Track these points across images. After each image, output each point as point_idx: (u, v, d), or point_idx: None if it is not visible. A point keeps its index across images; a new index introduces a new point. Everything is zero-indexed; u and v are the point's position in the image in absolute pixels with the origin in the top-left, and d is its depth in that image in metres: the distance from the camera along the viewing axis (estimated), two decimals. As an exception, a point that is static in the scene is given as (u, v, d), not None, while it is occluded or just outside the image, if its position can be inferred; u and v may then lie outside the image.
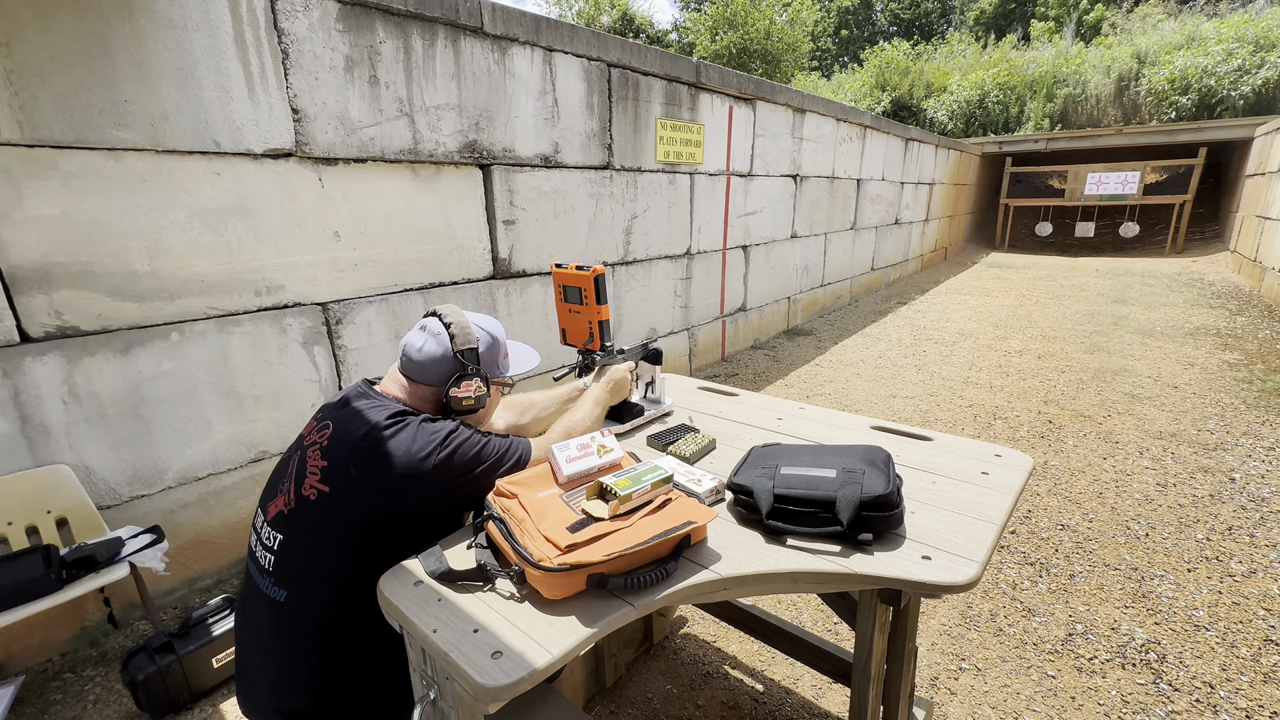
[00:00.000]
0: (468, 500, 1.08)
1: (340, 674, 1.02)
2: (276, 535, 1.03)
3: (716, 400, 1.73)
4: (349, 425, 1.05)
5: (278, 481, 1.10)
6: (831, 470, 1.03)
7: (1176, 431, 3.44)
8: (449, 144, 2.78)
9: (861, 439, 1.42)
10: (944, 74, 16.14)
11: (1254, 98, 11.18)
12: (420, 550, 1.00)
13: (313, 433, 1.10)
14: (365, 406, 1.08)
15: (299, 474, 1.05)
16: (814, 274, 6.50)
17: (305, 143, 2.31)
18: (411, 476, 0.99)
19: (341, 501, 0.99)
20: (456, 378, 1.10)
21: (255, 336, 2.30)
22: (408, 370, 1.14)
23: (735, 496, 1.07)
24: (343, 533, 0.99)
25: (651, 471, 1.05)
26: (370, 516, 0.99)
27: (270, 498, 1.09)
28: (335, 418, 1.09)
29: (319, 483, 1.01)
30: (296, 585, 1.01)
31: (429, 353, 1.12)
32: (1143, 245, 11.41)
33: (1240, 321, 6.00)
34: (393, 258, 2.69)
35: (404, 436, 1.02)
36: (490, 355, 1.18)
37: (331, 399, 1.19)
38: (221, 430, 2.26)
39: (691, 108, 4.21)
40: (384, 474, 0.99)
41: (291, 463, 1.09)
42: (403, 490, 0.99)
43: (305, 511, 1.01)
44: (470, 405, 1.13)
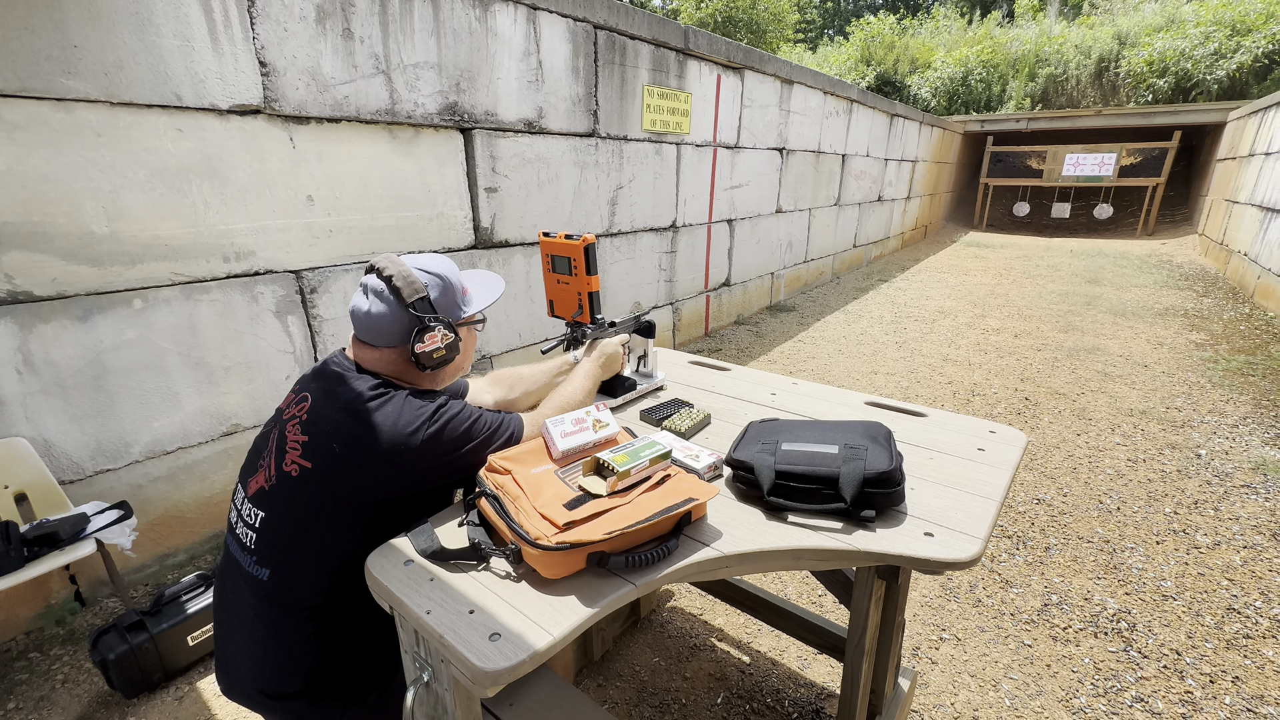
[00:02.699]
0: (458, 477, 1.03)
1: (326, 653, 0.98)
2: (258, 512, 0.98)
3: (708, 375, 1.70)
4: (329, 398, 1.00)
5: (257, 456, 1.04)
6: (833, 446, 1.01)
7: (1146, 409, 3.54)
8: (428, 105, 2.65)
9: (856, 414, 1.41)
10: (929, 50, 16.04)
11: (1227, 82, 11.35)
12: (407, 528, 0.96)
13: (291, 405, 1.04)
14: (344, 378, 1.01)
15: (279, 449, 0.99)
16: (797, 250, 6.48)
17: (274, 99, 2.18)
18: (398, 452, 0.95)
19: (325, 478, 0.94)
20: (418, 332, 1.00)
21: (225, 305, 2.20)
22: (365, 336, 1.04)
23: (735, 473, 1.05)
24: (327, 510, 0.95)
25: (650, 447, 1.02)
26: (355, 493, 0.95)
27: (250, 473, 1.03)
28: (313, 390, 1.03)
29: (300, 458, 0.96)
30: (280, 564, 0.96)
31: (379, 314, 1.01)
32: (1115, 227, 11.63)
33: (1206, 303, 6.17)
34: (370, 224, 2.58)
35: (389, 410, 0.97)
36: (446, 299, 1.07)
37: (308, 370, 1.13)
38: (191, 402, 2.17)
39: (680, 75, 4.10)
40: (369, 449, 0.94)
41: (271, 437, 1.03)
42: (389, 466, 0.95)
43: (287, 488, 0.96)
44: (443, 357, 1.04)
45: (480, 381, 1.39)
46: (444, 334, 1.03)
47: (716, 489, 0.93)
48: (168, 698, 1.68)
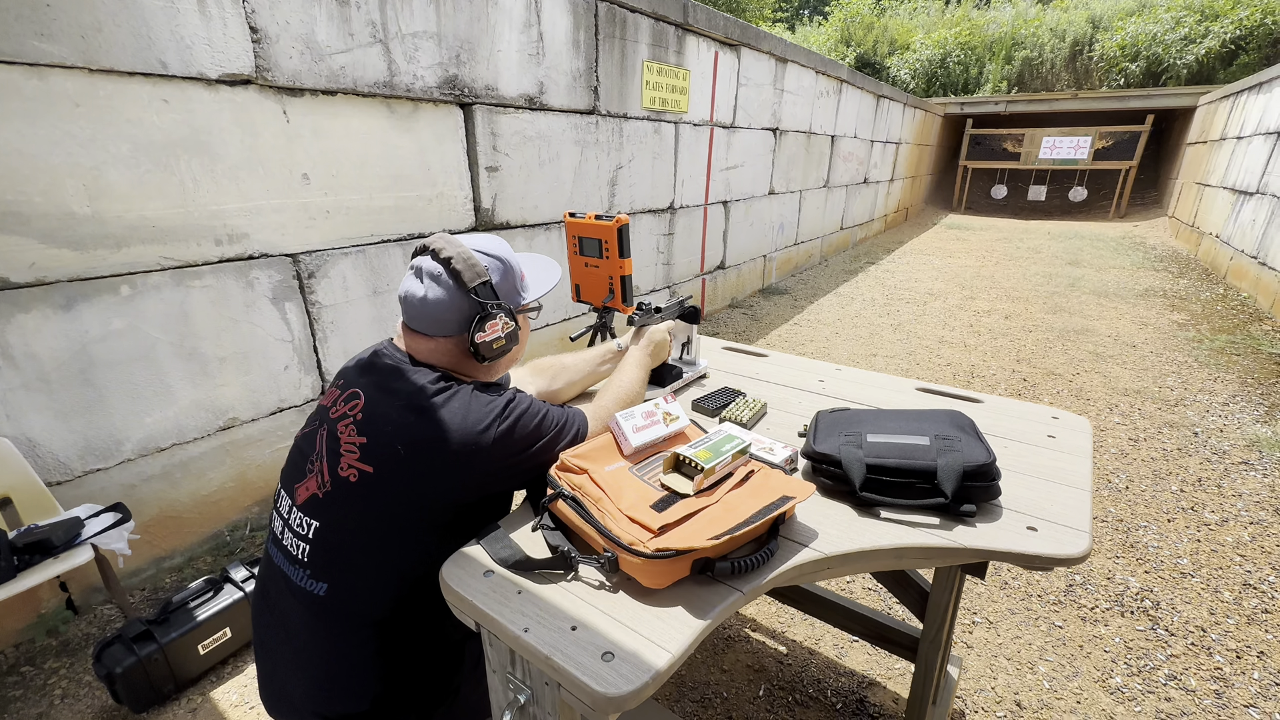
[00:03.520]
0: (527, 478, 0.96)
1: (391, 670, 0.90)
2: (310, 522, 0.89)
3: (746, 361, 1.64)
4: (387, 394, 0.91)
5: (303, 460, 0.94)
6: (923, 438, 0.96)
7: (1141, 389, 3.61)
8: (427, 78, 2.51)
9: (909, 401, 1.37)
10: (908, 31, 16.04)
11: (1196, 67, 11.60)
12: (473, 533, 0.88)
13: (338, 403, 0.95)
14: (401, 371, 0.93)
15: (331, 452, 0.90)
16: (789, 232, 6.44)
17: (267, 68, 2.02)
18: (469, 452, 0.87)
19: (389, 483, 0.86)
20: (479, 320, 0.92)
21: (218, 291, 2.05)
22: (418, 325, 0.95)
23: (817, 466, 0.99)
24: (393, 517, 0.87)
25: (729, 441, 0.96)
26: (423, 498, 0.87)
27: (296, 478, 0.94)
28: (365, 385, 0.94)
29: (359, 462, 0.87)
30: (340, 576, 0.87)
31: (437, 300, 0.92)
32: (1089, 210, 11.88)
33: (1183, 284, 6.34)
34: (368, 205, 2.44)
35: (455, 407, 0.89)
36: (507, 283, 0.99)
37: (351, 363, 1.03)
38: (185, 396, 2.03)
39: (678, 51, 3.98)
40: (437, 450, 0.86)
41: (318, 438, 0.93)
42: (460, 468, 0.87)
43: (345, 495, 0.87)
44: (503, 347, 0.96)
45: (521, 371, 1.30)
46: (505, 322, 0.95)
47: (811, 487, 0.88)
48: (180, 710, 1.59)
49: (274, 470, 2.34)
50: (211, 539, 2.19)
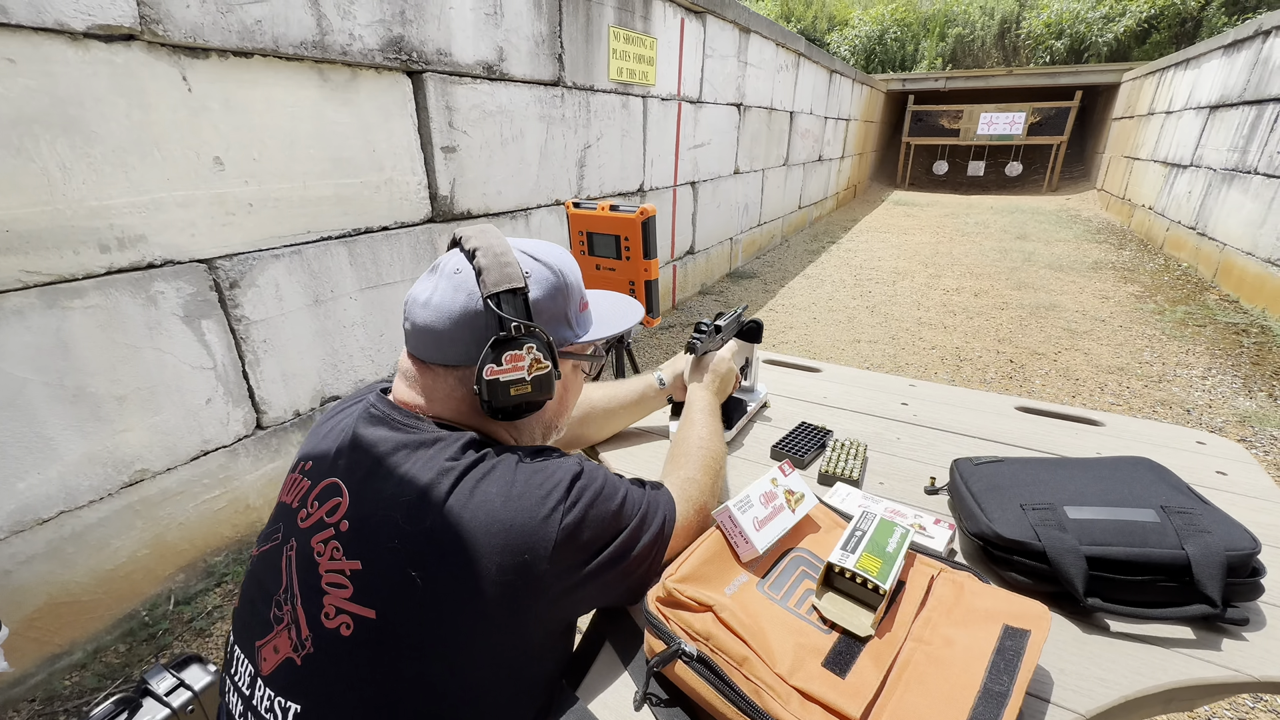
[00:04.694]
0: (597, 599, 0.65)
1: None
2: (287, 705, 0.56)
3: (797, 378, 1.37)
4: (382, 484, 0.59)
5: (264, 601, 0.61)
6: (1146, 510, 0.71)
7: (1123, 366, 3.60)
8: (367, 38, 2.07)
9: (1008, 422, 1.14)
10: (846, 7, 16.07)
11: (1115, 44, 12.13)
12: (531, 692, 0.57)
13: (309, 502, 0.62)
14: (400, 442, 0.61)
15: (307, 588, 0.57)
16: (753, 213, 6.22)
17: (155, 19, 1.55)
18: (525, 570, 0.56)
19: (405, 633, 0.54)
20: (494, 345, 0.61)
21: (109, 312, 1.59)
22: (416, 346, 0.66)
23: (997, 554, 0.72)
24: (418, 687, 0.54)
25: (887, 532, 0.68)
26: (456, 649, 0.55)
27: (258, 631, 0.60)
28: (347, 471, 0.61)
29: (352, 602, 0.55)
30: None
31: (441, 304, 0.63)
32: (1024, 184, 12.31)
33: (1126, 255, 6.56)
34: (302, 195, 2.00)
35: (492, 492, 0.58)
36: (554, 306, 0.68)
37: (323, 426, 0.69)
38: (72, 449, 1.57)
39: (645, 16, 3.61)
40: (476, 575, 0.54)
41: (283, 564, 0.60)
42: (513, 596, 0.56)
43: (337, 658, 0.55)
44: (524, 397, 0.63)
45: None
46: (536, 360, 0.63)
47: (1046, 613, 0.60)
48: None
49: (200, 529, 1.90)
50: (123, 622, 1.74)
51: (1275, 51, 5.06)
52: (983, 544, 0.74)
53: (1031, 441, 1.06)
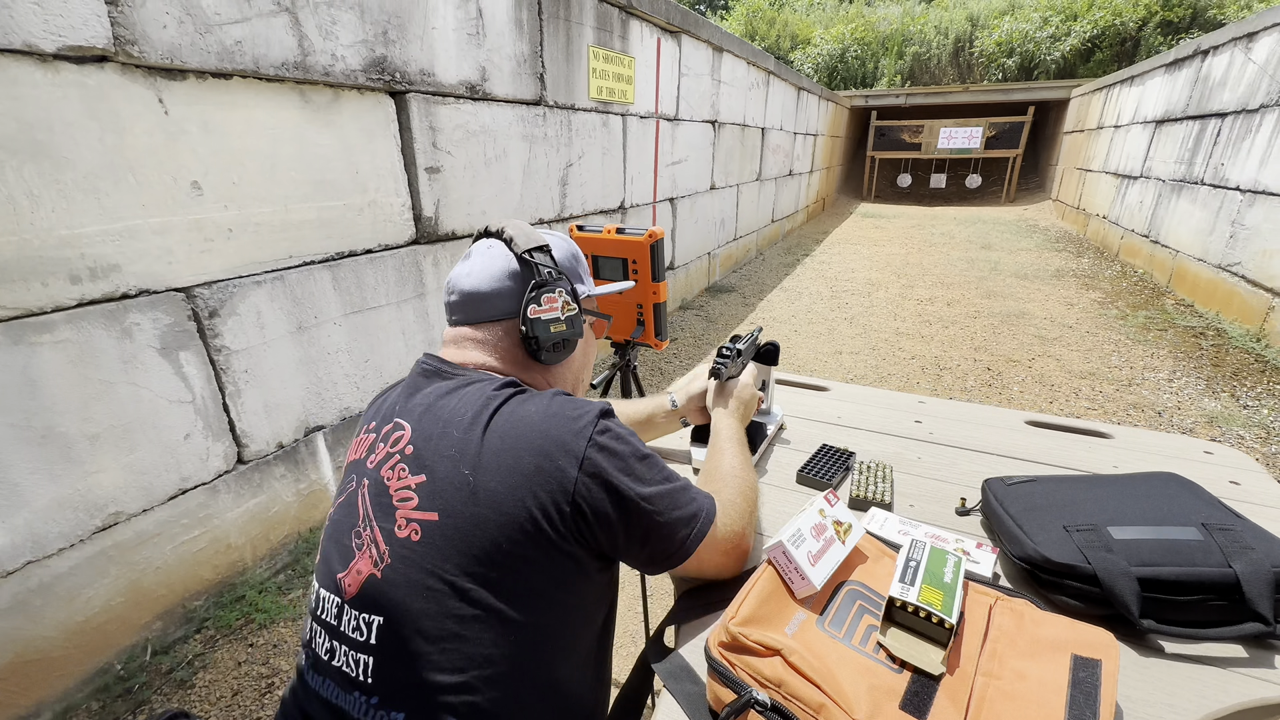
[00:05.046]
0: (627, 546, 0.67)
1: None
2: (371, 619, 0.62)
3: (806, 398, 1.36)
4: (442, 412, 0.68)
5: (345, 537, 0.67)
6: (1188, 528, 0.72)
7: (1094, 371, 3.73)
8: (350, 59, 2.02)
9: (1019, 436, 1.15)
10: (807, 26, 16.54)
11: (1062, 62, 12.74)
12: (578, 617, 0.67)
13: (376, 445, 0.70)
14: (453, 381, 0.72)
15: (381, 509, 0.65)
16: (729, 227, 6.29)
17: (130, 40, 1.49)
18: (560, 471, 0.63)
19: (464, 530, 0.61)
20: (534, 289, 0.74)
21: (80, 346, 1.50)
22: (462, 312, 0.78)
23: (1044, 578, 0.72)
24: (477, 582, 0.61)
25: (941, 560, 0.67)
26: (510, 550, 0.61)
27: (338, 566, 0.66)
28: (408, 411, 0.70)
29: (419, 510, 0.63)
30: (421, 691, 0.59)
31: (483, 270, 0.77)
32: (983, 195, 12.77)
33: (1085, 263, 6.83)
34: (283, 219, 1.93)
35: (532, 409, 0.67)
36: (570, 263, 0.83)
37: (383, 394, 0.81)
38: (40, 494, 1.47)
39: (623, 36, 3.64)
40: (520, 465, 0.63)
41: (358, 502, 0.67)
42: (551, 495, 0.62)
43: (411, 564, 0.61)
44: (562, 335, 0.76)
45: None
46: (567, 302, 0.76)
47: (1114, 641, 0.60)
48: None
49: (179, 572, 1.80)
50: (96, 677, 1.62)
51: (1214, 70, 5.37)
52: (1030, 568, 0.73)
53: (1050, 457, 1.07)
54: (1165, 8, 11.61)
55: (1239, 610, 0.66)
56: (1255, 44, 4.73)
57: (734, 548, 0.73)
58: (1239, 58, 4.95)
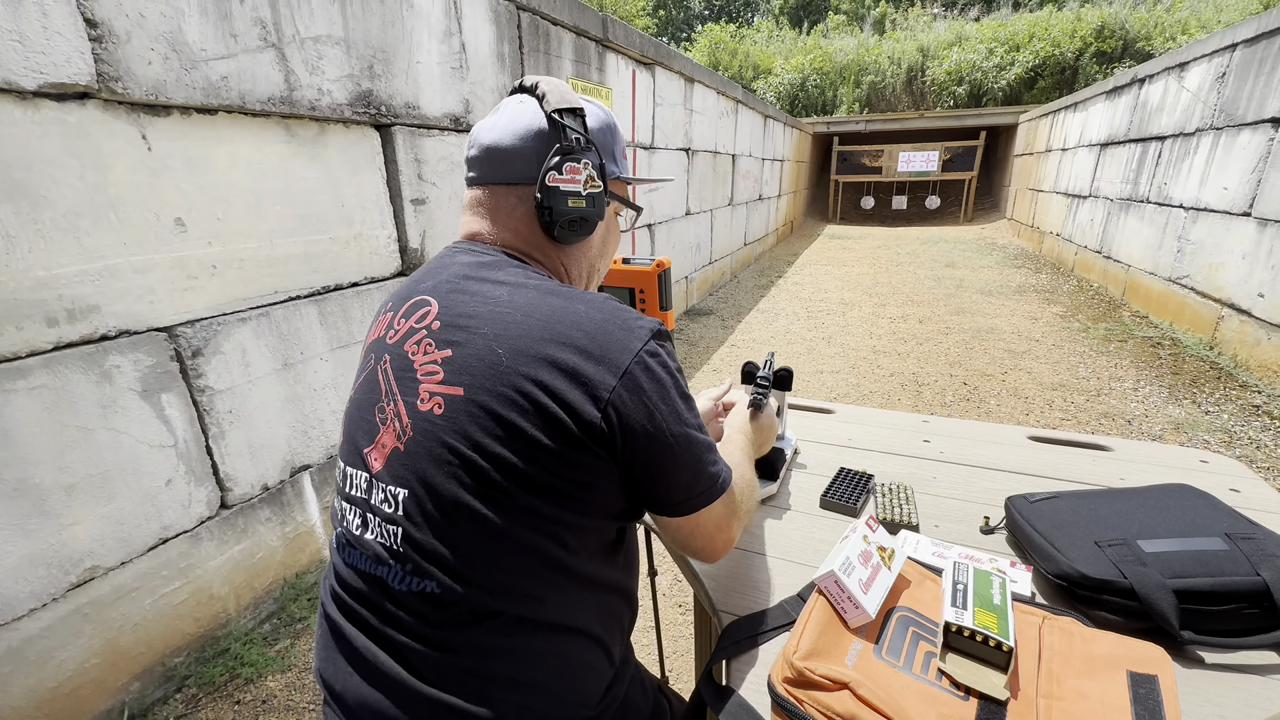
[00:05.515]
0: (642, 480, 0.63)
1: (552, 680, 0.62)
2: (397, 491, 0.61)
3: (812, 421, 1.38)
4: (471, 287, 0.65)
5: (369, 411, 0.66)
6: (1213, 538, 0.74)
7: (1064, 383, 3.86)
8: (336, 93, 2.01)
9: (1029, 454, 1.18)
10: (768, 57, 17.15)
11: (1009, 90, 13.46)
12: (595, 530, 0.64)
13: (396, 322, 0.67)
14: (482, 261, 0.68)
15: (405, 383, 0.63)
16: (704, 252, 6.39)
17: (114, 77, 1.46)
18: (596, 379, 0.59)
19: (490, 408, 0.58)
20: (556, 152, 0.67)
21: (57, 392, 1.43)
22: (479, 169, 0.71)
23: (1081, 594, 0.73)
24: (497, 463, 0.58)
25: (986, 582, 0.67)
26: (533, 438, 0.58)
27: (364, 442, 0.65)
28: (436, 289, 0.67)
29: (443, 385, 0.60)
30: (445, 562, 0.59)
31: (508, 124, 0.69)
32: (942, 215, 13.27)
33: (1044, 279, 7.12)
34: (269, 254, 1.89)
35: (580, 307, 0.63)
36: (604, 137, 0.74)
37: (409, 281, 0.73)
38: (11, 551, 1.38)
39: (600, 68, 3.71)
40: (557, 360, 0.59)
41: (379, 378, 0.66)
42: (582, 399, 0.58)
43: (431, 434, 0.60)
44: (580, 212, 0.69)
45: None
46: (591, 176, 0.69)
47: (1165, 656, 0.61)
48: None
49: (158, 627, 1.70)
50: (68, 748, 1.51)
51: (1151, 96, 5.74)
52: (1066, 585, 0.74)
53: (1059, 471, 1.10)
54: (1099, 39, 12.42)
55: (1270, 617, 0.68)
56: (1187, 73, 5.08)
57: (726, 530, 0.70)
58: (1173, 85, 5.31)
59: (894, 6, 22.66)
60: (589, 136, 0.69)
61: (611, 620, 0.68)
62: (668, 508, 0.66)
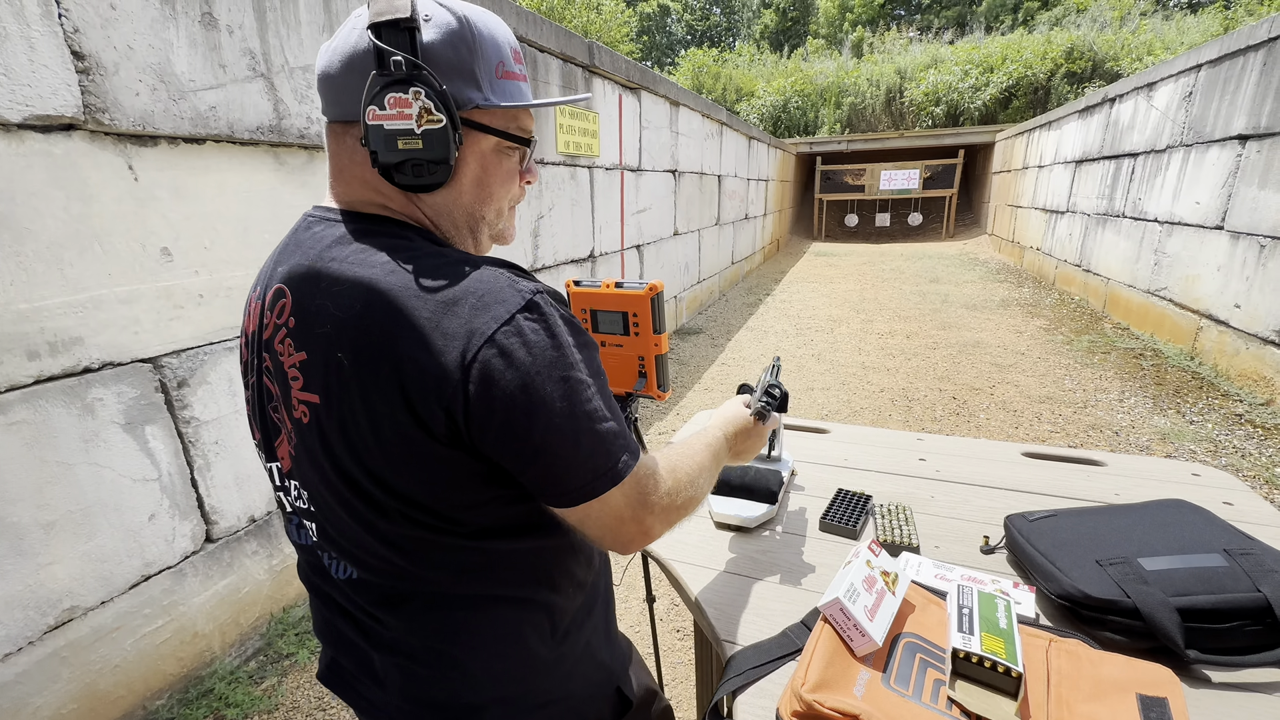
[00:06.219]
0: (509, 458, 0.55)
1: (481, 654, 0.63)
2: (303, 491, 0.62)
3: (810, 441, 1.37)
4: (318, 276, 0.56)
5: (266, 413, 0.63)
6: (1213, 554, 0.74)
7: (1051, 395, 3.91)
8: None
9: (1017, 468, 1.19)
10: (750, 80, 17.52)
11: (985, 109, 13.84)
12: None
13: (265, 315, 0.61)
14: (322, 237, 0.58)
15: (283, 389, 0.59)
16: (693, 271, 6.44)
17: (101, 109, 1.45)
18: (424, 354, 0.51)
19: (344, 417, 0.54)
20: (372, 83, 0.53)
21: (37, 427, 1.39)
22: (321, 100, 0.61)
23: (1085, 614, 0.73)
24: (364, 472, 0.55)
25: (990, 605, 0.67)
26: (391, 446, 0.53)
27: (274, 435, 0.64)
28: (288, 275, 0.59)
29: (305, 391, 0.57)
30: (357, 554, 0.61)
31: (335, 47, 0.57)
32: (925, 232, 13.50)
33: (1026, 292, 7.24)
34: (257, 282, 1.87)
35: (433, 280, 0.53)
36: (454, 54, 0.56)
37: (270, 259, 0.65)
38: (-14, 594, 1.33)
39: (587, 93, 3.76)
40: (384, 349, 0.52)
41: (266, 380, 0.62)
42: (415, 385, 0.51)
43: (305, 444, 0.58)
44: (412, 153, 0.54)
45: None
46: (425, 108, 0.53)
47: (1174, 677, 0.60)
48: None
49: (139, 669, 1.64)
50: (42, 800, 1.44)
51: (1123, 115, 5.92)
52: (1070, 605, 0.74)
53: (1054, 488, 1.10)
54: (1069, 60, 12.82)
55: (1273, 634, 0.68)
56: (1155, 92, 5.25)
57: (638, 519, 0.59)
58: (1143, 104, 5.48)
59: (871, 30, 23.31)
60: (421, 58, 0.54)
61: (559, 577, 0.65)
62: (553, 499, 0.57)
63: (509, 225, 0.69)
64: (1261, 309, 3.63)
